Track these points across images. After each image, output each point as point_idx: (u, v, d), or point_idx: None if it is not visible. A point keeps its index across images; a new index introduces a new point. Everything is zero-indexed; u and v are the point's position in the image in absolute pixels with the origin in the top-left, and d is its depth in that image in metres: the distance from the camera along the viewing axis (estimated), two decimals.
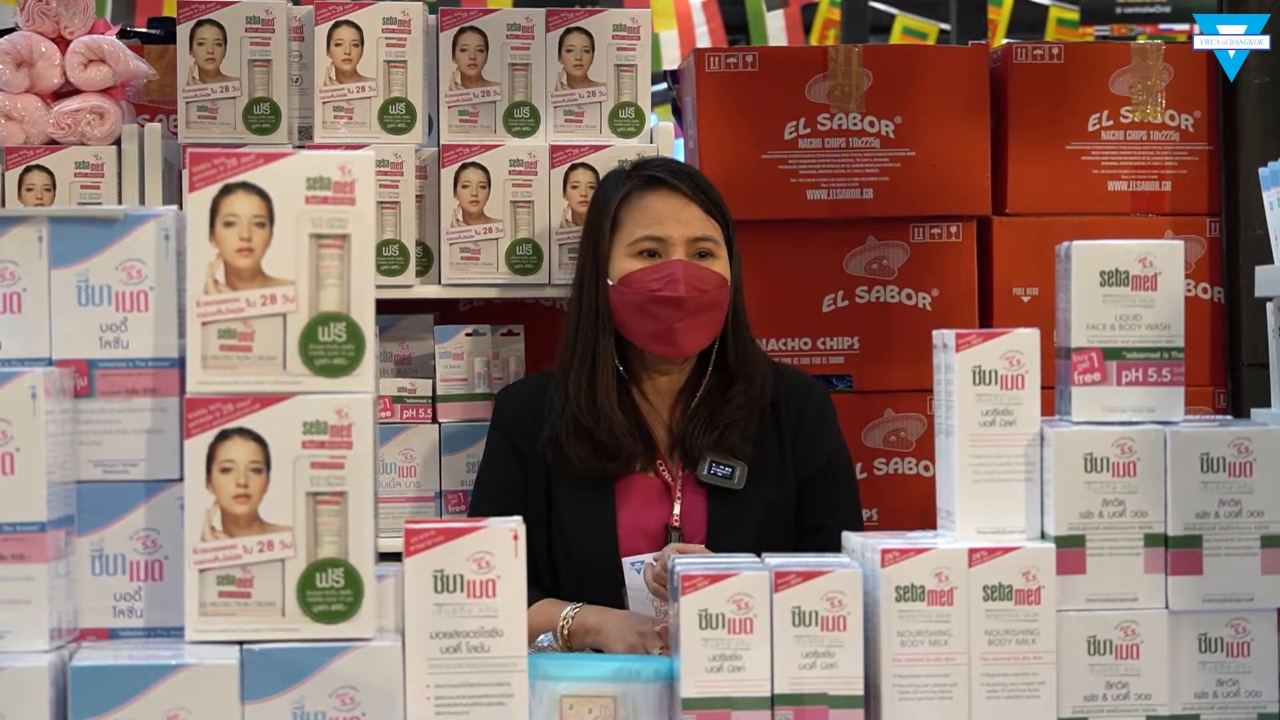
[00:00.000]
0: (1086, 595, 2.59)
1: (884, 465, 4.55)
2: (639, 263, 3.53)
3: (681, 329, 3.48)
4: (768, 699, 2.53)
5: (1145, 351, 2.65)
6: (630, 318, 3.52)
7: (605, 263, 3.57)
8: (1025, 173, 4.64)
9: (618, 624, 3.32)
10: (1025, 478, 2.62)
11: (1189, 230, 4.64)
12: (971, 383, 2.61)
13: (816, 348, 4.57)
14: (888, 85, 4.59)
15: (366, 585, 2.39)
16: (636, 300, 3.50)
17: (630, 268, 3.53)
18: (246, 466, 2.37)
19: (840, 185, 4.57)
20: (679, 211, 3.55)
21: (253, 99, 4.12)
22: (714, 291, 3.51)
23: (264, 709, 2.35)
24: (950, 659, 2.56)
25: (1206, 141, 4.70)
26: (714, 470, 3.49)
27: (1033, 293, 4.56)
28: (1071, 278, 2.66)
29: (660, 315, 3.48)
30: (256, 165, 2.40)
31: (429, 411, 4.13)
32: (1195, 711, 2.60)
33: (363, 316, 2.41)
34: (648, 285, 3.50)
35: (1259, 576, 2.60)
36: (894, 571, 2.56)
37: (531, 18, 4.18)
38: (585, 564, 3.49)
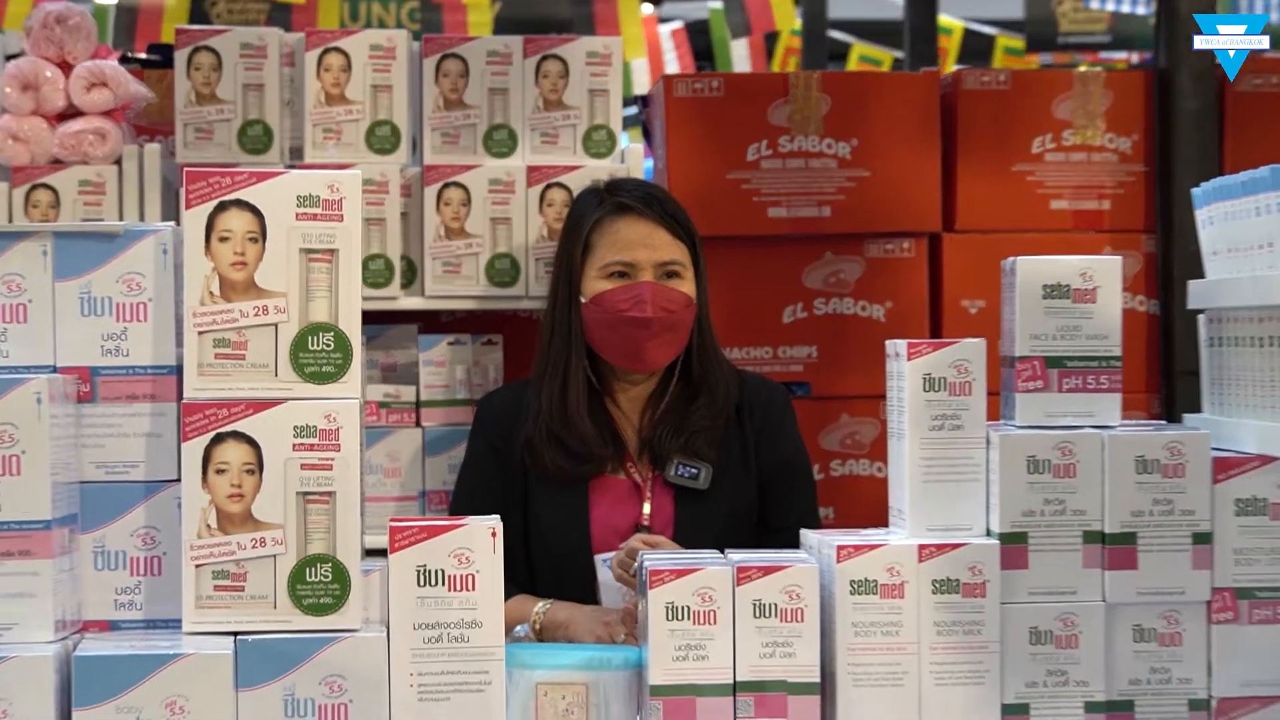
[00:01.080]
0: (1029, 588, 2.60)
1: (840, 467, 4.56)
2: (609, 284, 3.53)
3: (649, 346, 3.49)
4: (730, 686, 2.54)
5: (1085, 360, 2.66)
6: (601, 334, 3.53)
7: (578, 282, 3.58)
8: (973, 192, 4.65)
9: (584, 618, 3.32)
10: (972, 478, 2.63)
11: (1126, 246, 4.65)
12: (922, 389, 2.62)
13: (777, 356, 4.58)
14: (845, 109, 4.60)
15: (353, 579, 2.39)
16: (607, 319, 3.51)
17: (601, 288, 3.53)
18: (240, 468, 2.37)
19: (800, 203, 4.57)
20: (647, 237, 3.55)
21: (246, 121, 4.12)
22: (680, 311, 3.52)
23: (257, 696, 2.35)
24: (901, 648, 2.57)
25: (1143, 163, 4.71)
26: (681, 471, 3.50)
27: (980, 305, 4.57)
28: (1016, 291, 2.67)
29: (629, 333, 3.49)
30: (249, 184, 2.41)
31: (413, 416, 4.13)
32: (1130, 698, 2.62)
33: (350, 327, 2.42)
34: (617, 305, 3.50)
35: (1190, 571, 2.61)
36: (849, 566, 2.57)
37: (510, 45, 4.18)
38: (560, 560, 3.50)
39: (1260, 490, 2.63)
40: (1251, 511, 2.63)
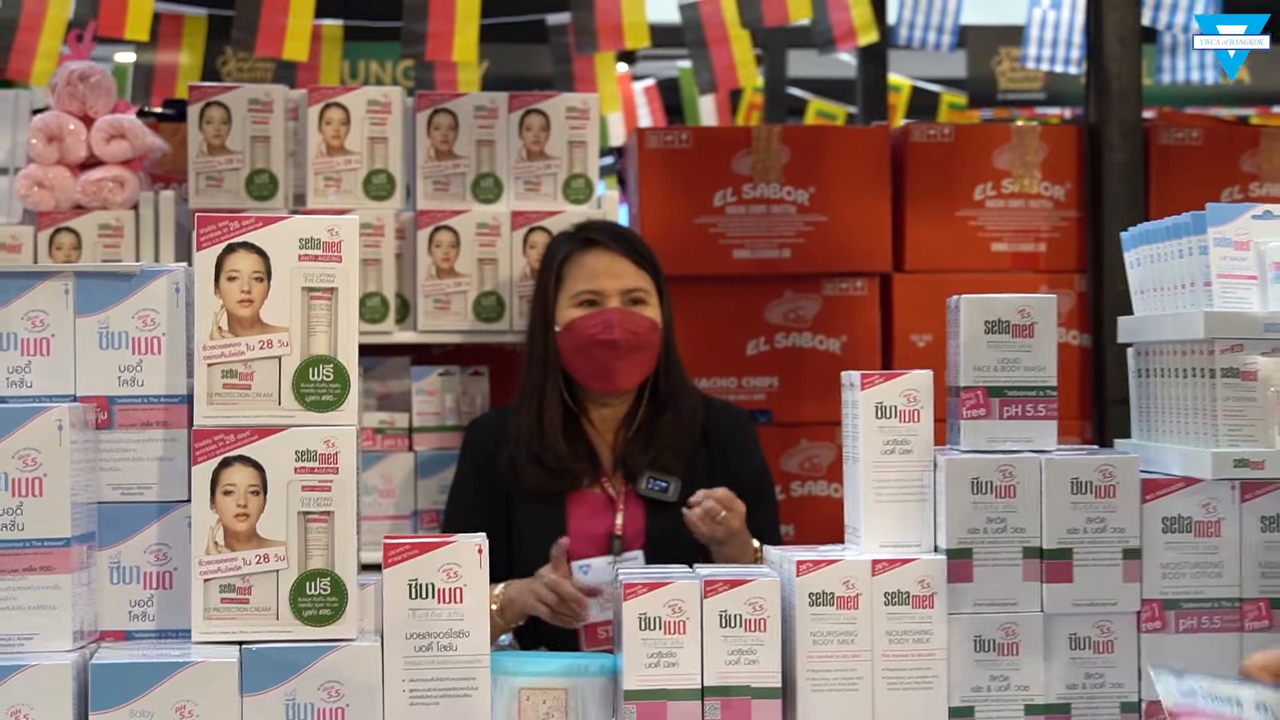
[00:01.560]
0: (973, 600, 2.59)
1: (800, 488, 4.55)
2: (580, 311, 3.54)
3: (618, 367, 3.50)
4: (698, 690, 2.53)
5: (1023, 390, 2.65)
6: (574, 359, 3.53)
7: (552, 313, 3.59)
8: (921, 235, 4.66)
9: (518, 591, 3.33)
10: (920, 499, 2.62)
11: (1061, 285, 4.66)
12: (874, 416, 2.62)
13: (741, 386, 4.57)
14: (803, 160, 4.61)
15: (350, 592, 2.38)
16: (578, 344, 3.52)
17: (572, 316, 3.54)
18: (246, 489, 2.36)
19: (762, 245, 4.57)
20: (613, 267, 3.57)
21: (253, 170, 4.11)
22: (645, 334, 3.52)
23: (260, 701, 2.34)
24: (856, 655, 2.56)
25: (1076, 209, 4.72)
26: (651, 485, 3.50)
27: (927, 339, 4.57)
28: (960, 326, 2.66)
29: (599, 356, 3.50)
30: (256, 227, 2.40)
31: (406, 441, 4.13)
32: (1067, 701, 2.61)
33: (348, 359, 2.41)
34: (587, 330, 3.51)
35: (1121, 584, 2.61)
36: (808, 580, 2.56)
37: (496, 100, 4.19)
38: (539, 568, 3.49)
39: (1185, 509, 2.63)
40: (1177, 529, 2.63)
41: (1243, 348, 2.61)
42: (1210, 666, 2.60)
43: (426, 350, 4.34)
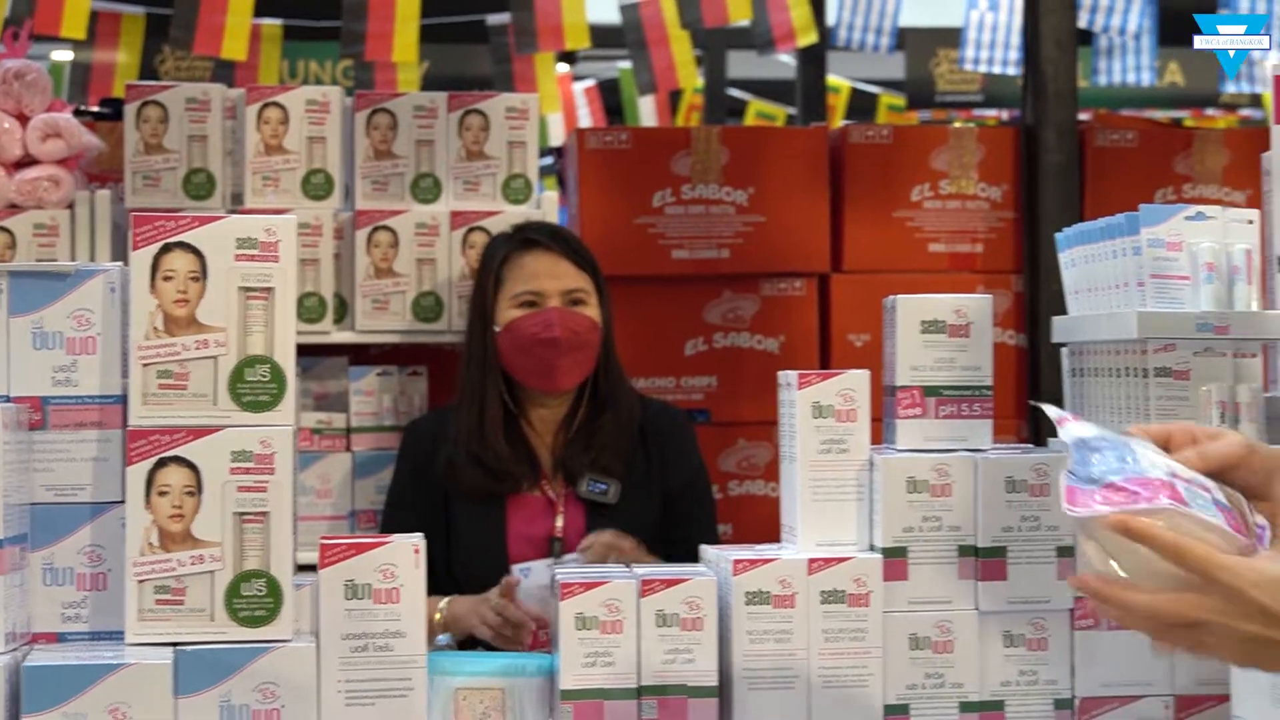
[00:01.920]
0: (909, 598, 2.60)
1: (737, 487, 4.56)
2: (520, 311, 3.54)
3: (559, 366, 3.50)
4: (635, 690, 2.52)
5: (959, 389, 2.66)
6: (514, 358, 3.53)
7: (491, 314, 3.58)
8: (859, 236, 4.67)
9: (465, 610, 3.32)
10: (857, 498, 2.63)
11: (997, 285, 4.68)
12: (811, 416, 2.62)
13: (679, 386, 4.58)
14: (742, 161, 4.61)
15: (286, 593, 2.36)
16: (519, 343, 3.52)
17: (513, 316, 3.54)
18: (181, 490, 2.34)
19: (701, 246, 4.58)
20: (553, 267, 3.57)
21: (191, 169, 4.09)
22: (585, 333, 3.52)
23: (195, 703, 2.32)
24: (792, 654, 2.56)
25: (1012, 210, 4.75)
26: (591, 487, 3.50)
27: (865, 339, 4.59)
28: (897, 326, 2.67)
29: (539, 354, 3.50)
30: (192, 227, 2.38)
31: (344, 442, 4.11)
32: (1001, 698, 2.62)
33: (285, 359, 2.39)
34: (528, 330, 3.51)
35: (1055, 581, 2.62)
36: (745, 579, 2.56)
37: (435, 100, 4.18)
38: (480, 571, 3.48)
39: None
40: None
41: (1175, 347, 2.63)
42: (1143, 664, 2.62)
43: (364, 350, 4.33)
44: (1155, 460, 1.70)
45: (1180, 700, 2.63)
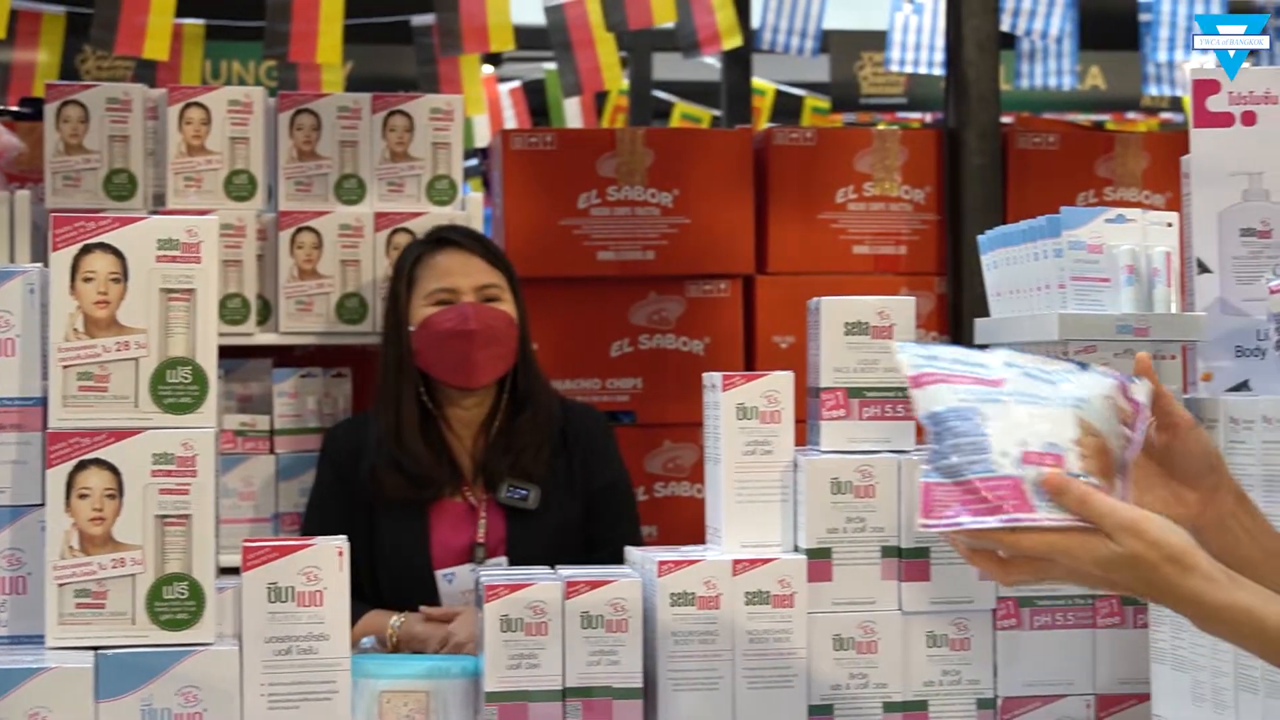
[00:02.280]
0: (833, 599, 2.61)
1: (663, 488, 4.56)
2: (435, 309, 3.54)
3: (476, 359, 3.49)
4: (560, 691, 2.52)
5: (882, 391, 2.67)
6: (430, 355, 3.52)
7: (405, 315, 3.58)
8: (783, 238, 4.68)
9: (426, 631, 3.31)
10: (781, 499, 2.63)
11: (921, 288, 4.70)
12: (736, 418, 2.62)
13: (605, 387, 4.57)
14: (667, 162, 4.62)
15: (208, 596, 2.35)
16: (434, 339, 3.51)
17: (427, 314, 3.54)
18: (102, 493, 2.32)
19: (626, 247, 4.58)
20: (465, 265, 3.57)
21: (112, 170, 4.06)
22: (502, 328, 3.52)
23: (116, 707, 2.30)
24: (717, 655, 2.56)
25: (935, 212, 4.77)
26: (511, 493, 3.49)
27: (789, 340, 4.60)
28: (820, 328, 2.68)
29: (456, 348, 3.49)
30: (113, 228, 2.36)
31: (267, 444, 4.09)
32: (924, 698, 2.63)
33: (207, 361, 2.38)
34: (443, 325, 3.50)
35: (977, 582, 2.63)
36: (669, 580, 2.56)
37: (359, 101, 4.17)
38: (404, 578, 3.47)
39: None
40: None
41: (1095, 349, 2.65)
42: (1065, 663, 2.64)
43: (288, 352, 4.30)
44: (1007, 436, 1.70)
45: (1101, 699, 2.66)
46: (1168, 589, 1.67)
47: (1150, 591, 1.68)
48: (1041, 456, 1.67)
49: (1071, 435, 1.70)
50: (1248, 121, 2.28)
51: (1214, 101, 2.28)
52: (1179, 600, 1.67)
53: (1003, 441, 1.69)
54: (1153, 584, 1.67)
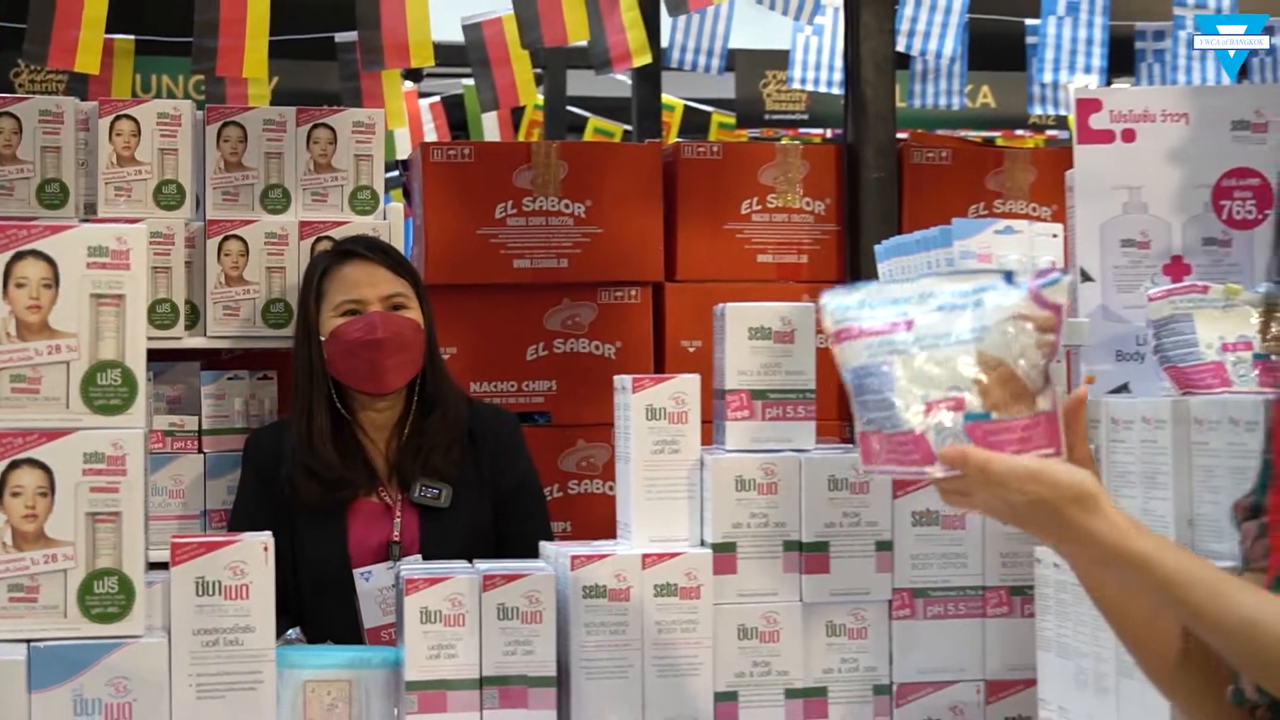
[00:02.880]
0: (737, 591, 2.62)
1: (577, 486, 4.56)
2: (343, 320, 3.52)
3: (385, 366, 3.48)
4: (477, 680, 2.52)
5: (784, 393, 2.69)
6: (341, 364, 3.50)
7: (315, 326, 3.56)
8: (691, 247, 4.69)
9: None
10: (688, 496, 2.64)
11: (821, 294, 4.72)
12: (645, 418, 2.63)
13: (521, 390, 4.56)
14: (580, 174, 4.61)
15: (138, 590, 2.33)
16: (344, 349, 3.49)
17: (336, 324, 3.52)
18: (34, 491, 2.30)
19: (541, 256, 4.57)
20: (371, 275, 3.55)
21: (44, 179, 4.01)
22: (409, 335, 3.51)
23: (48, 697, 2.28)
24: (627, 645, 2.57)
25: (835, 223, 4.79)
26: (424, 492, 3.48)
27: (697, 344, 4.60)
28: (726, 333, 2.69)
29: (365, 356, 3.47)
30: (45, 235, 2.34)
31: (195, 443, 4.05)
32: (824, 684, 2.64)
33: (136, 363, 2.36)
34: (351, 335, 3.49)
35: (874, 574, 2.65)
36: (582, 574, 2.56)
37: (284, 114, 4.14)
38: (323, 577, 3.46)
39: (933, 504, 2.68)
40: (925, 522, 2.68)
41: None
42: (956, 651, 2.66)
43: (216, 355, 4.26)
44: (911, 389, 1.68)
45: (991, 685, 2.68)
46: (1072, 528, 1.66)
47: (1057, 533, 1.69)
48: (940, 404, 1.66)
49: (971, 373, 1.67)
50: (1127, 139, 2.31)
51: (1096, 120, 2.31)
52: (1082, 539, 1.67)
53: (906, 395, 1.68)
54: (1058, 526, 1.67)
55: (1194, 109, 2.18)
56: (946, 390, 1.67)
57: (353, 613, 3.39)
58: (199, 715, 2.36)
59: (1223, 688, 1.82)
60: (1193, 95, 2.20)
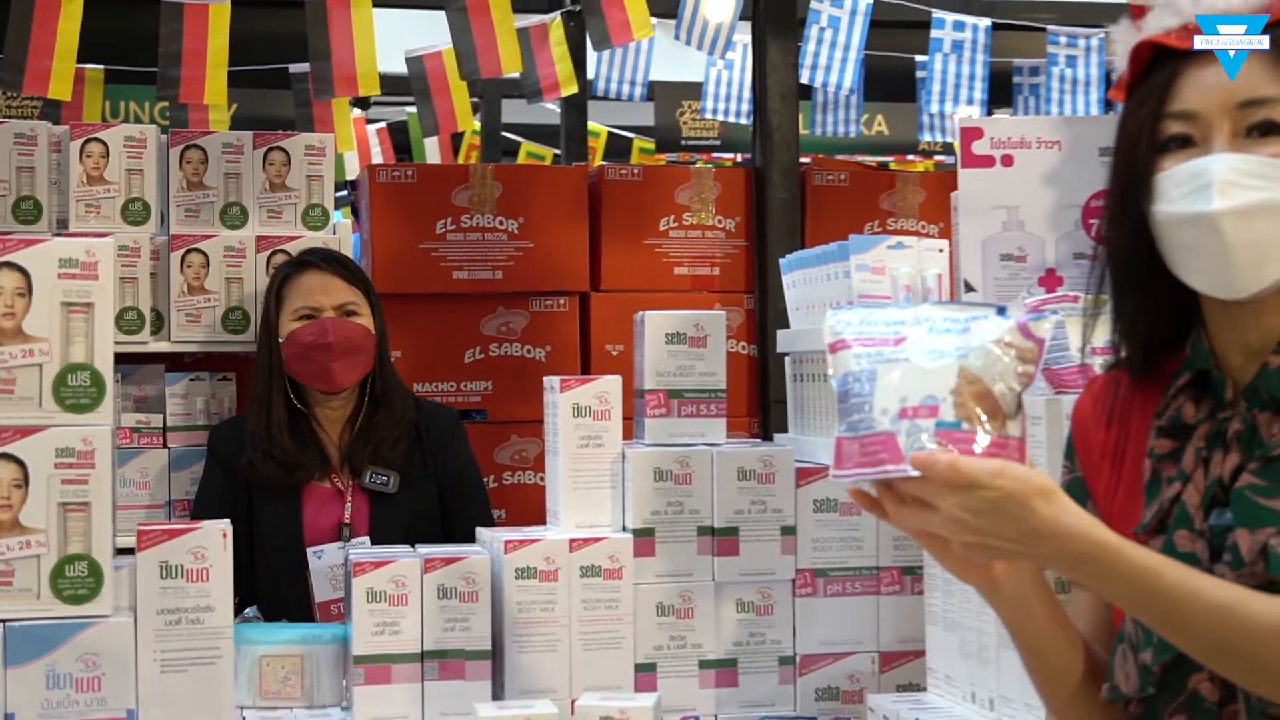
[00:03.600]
0: (656, 572, 2.62)
1: (511, 477, 4.55)
2: (299, 324, 3.52)
3: (334, 367, 3.47)
4: (418, 654, 2.51)
5: (698, 392, 2.69)
6: (296, 364, 3.49)
7: (275, 329, 3.55)
8: (614, 260, 4.69)
9: None
10: (611, 486, 2.64)
11: (732, 303, 4.73)
12: (572, 415, 2.63)
13: (460, 389, 4.55)
14: (513, 194, 4.60)
15: (106, 574, 2.30)
16: (299, 350, 3.49)
17: (293, 328, 3.51)
18: (9, 483, 2.27)
19: (478, 268, 4.56)
20: (326, 284, 3.54)
21: (20, 197, 3.97)
22: (359, 339, 3.50)
23: (23, 672, 2.25)
24: (556, 621, 2.56)
25: (744, 239, 4.80)
26: (373, 479, 3.47)
27: (619, 349, 4.60)
28: (645, 338, 2.69)
29: (317, 358, 3.47)
30: (19, 248, 2.31)
31: (160, 439, 4.02)
32: (734, 656, 2.65)
33: (104, 366, 2.33)
34: (305, 338, 3.48)
35: (779, 556, 2.66)
36: (514, 557, 2.55)
37: (242, 138, 4.11)
38: (279, 555, 3.44)
39: (832, 493, 2.69)
40: (826, 509, 2.69)
41: None
42: (853, 625, 2.67)
43: (179, 358, 4.23)
44: (890, 394, 1.62)
45: (884, 655, 2.69)
46: (1041, 521, 1.55)
47: (1024, 528, 1.55)
48: (917, 410, 1.60)
49: (950, 385, 1.61)
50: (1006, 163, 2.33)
51: (978, 146, 2.32)
52: (1050, 533, 1.55)
53: (884, 399, 1.61)
54: (1026, 521, 1.55)
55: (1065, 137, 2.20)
56: (923, 399, 1.63)
57: (305, 588, 3.37)
58: (163, 688, 2.34)
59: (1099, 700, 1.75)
60: (1064, 124, 2.22)
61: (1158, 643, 1.67)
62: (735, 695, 2.63)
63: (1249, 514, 1.65)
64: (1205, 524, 1.69)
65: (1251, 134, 1.67)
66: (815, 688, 2.66)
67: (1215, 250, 1.66)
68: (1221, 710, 1.65)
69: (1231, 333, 1.73)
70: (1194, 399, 1.76)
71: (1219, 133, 1.68)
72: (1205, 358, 1.75)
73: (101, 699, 2.27)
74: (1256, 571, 1.62)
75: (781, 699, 2.65)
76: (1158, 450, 1.76)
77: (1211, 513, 1.69)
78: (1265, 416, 1.69)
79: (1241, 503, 1.66)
